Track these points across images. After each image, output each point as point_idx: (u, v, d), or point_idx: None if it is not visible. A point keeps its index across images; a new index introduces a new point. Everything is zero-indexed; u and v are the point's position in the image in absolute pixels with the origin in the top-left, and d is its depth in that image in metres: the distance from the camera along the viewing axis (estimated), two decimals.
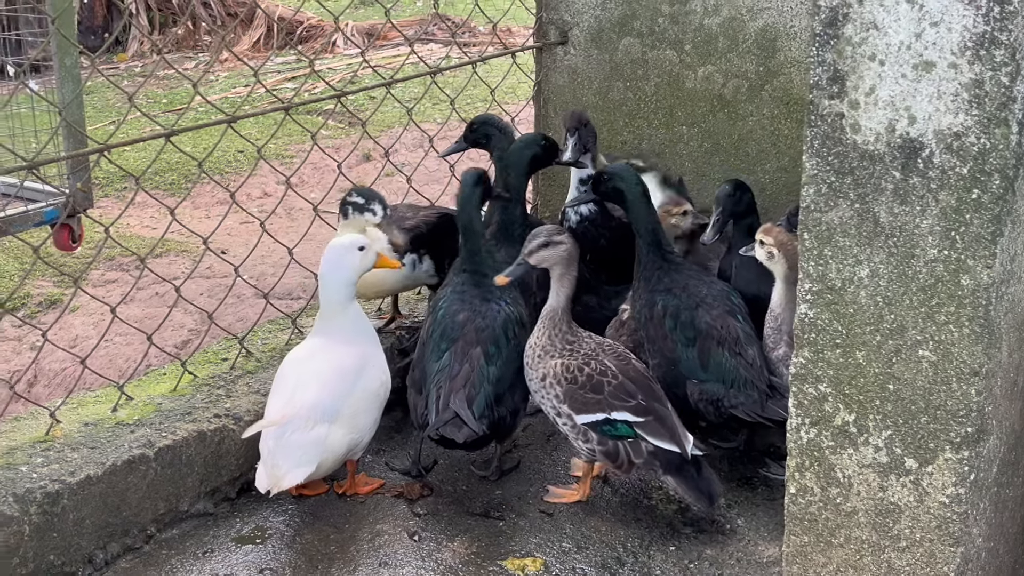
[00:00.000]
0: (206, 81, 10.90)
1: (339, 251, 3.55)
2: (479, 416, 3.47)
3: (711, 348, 3.63)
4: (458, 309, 3.67)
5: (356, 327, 3.57)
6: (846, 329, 2.45)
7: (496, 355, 3.58)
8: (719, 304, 3.68)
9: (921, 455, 2.43)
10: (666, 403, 3.38)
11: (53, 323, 3.93)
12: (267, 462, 3.31)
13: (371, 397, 3.51)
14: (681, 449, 3.30)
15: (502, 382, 3.57)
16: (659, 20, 4.44)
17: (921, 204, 2.32)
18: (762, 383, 3.55)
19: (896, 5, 2.25)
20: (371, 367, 3.55)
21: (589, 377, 3.34)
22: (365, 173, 7.93)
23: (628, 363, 3.43)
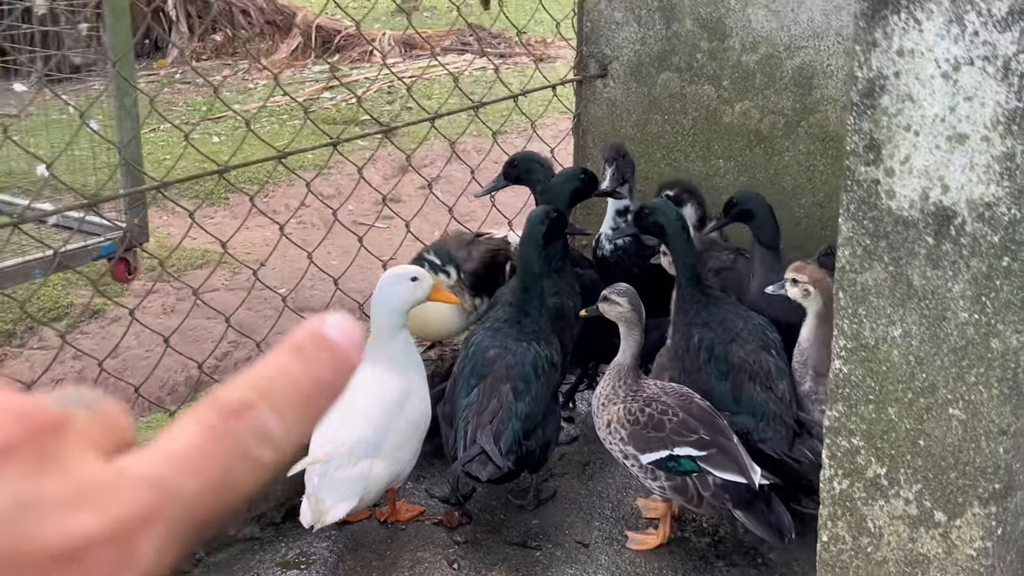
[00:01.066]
0: (244, 89, 11.05)
1: (391, 280, 3.65)
2: (506, 452, 3.56)
3: (743, 382, 3.72)
4: (489, 346, 3.75)
5: (403, 356, 3.67)
6: (879, 386, 2.54)
7: (525, 391, 3.66)
8: (753, 339, 3.76)
9: (950, 509, 2.52)
10: (731, 436, 3.45)
11: (108, 353, 4.03)
12: (311, 497, 3.41)
13: (412, 429, 3.61)
14: (748, 480, 3.35)
15: (531, 418, 3.65)
16: (697, 56, 4.53)
17: (953, 269, 2.40)
18: (791, 419, 3.63)
19: (931, 79, 2.34)
20: (413, 398, 3.64)
21: (650, 417, 3.43)
22: (401, 186, 8.04)
23: (691, 401, 3.51)
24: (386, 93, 10.57)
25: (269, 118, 10.08)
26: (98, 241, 4.05)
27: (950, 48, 2.30)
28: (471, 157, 8.46)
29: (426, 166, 8.97)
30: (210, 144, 9.20)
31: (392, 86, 10.06)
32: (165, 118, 3.40)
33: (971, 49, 2.28)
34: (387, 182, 8.67)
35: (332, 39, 11.80)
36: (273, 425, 0.53)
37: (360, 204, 8.06)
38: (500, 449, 3.54)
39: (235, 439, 0.52)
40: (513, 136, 8.92)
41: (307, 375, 0.56)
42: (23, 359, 6.43)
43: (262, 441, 0.53)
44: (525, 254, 3.82)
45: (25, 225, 3.15)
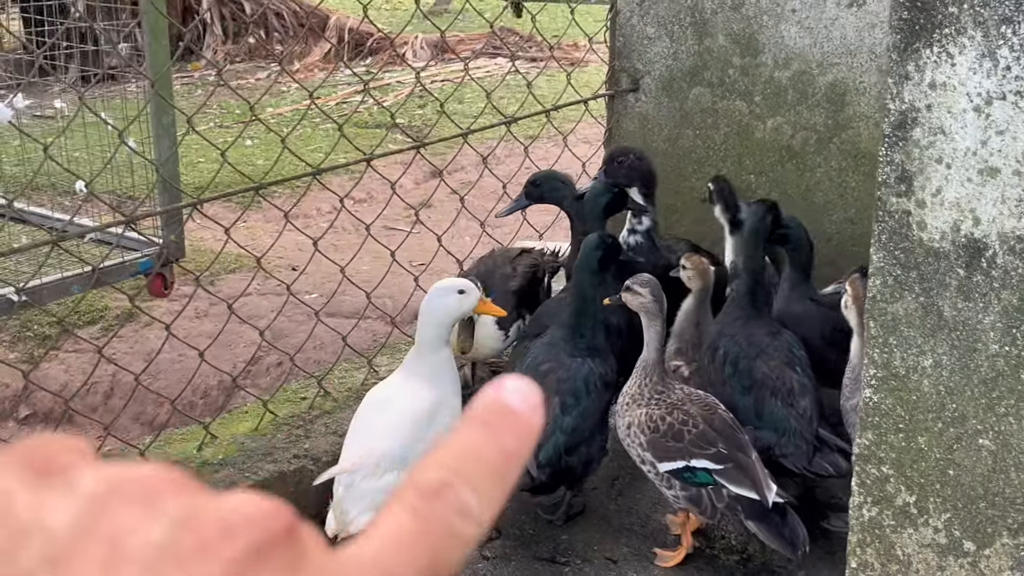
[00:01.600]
0: (277, 92, 11.11)
1: (438, 293, 3.66)
2: (543, 464, 3.60)
3: (765, 397, 3.74)
4: (543, 360, 3.79)
5: (442, 370, 3.67)
6: (909, 415, 2.55)
7: (573, 406, 3.69)
8: (779, 355, 3.78)
9: (979, 539, 2.53)
10: (749, 452, 3.45)
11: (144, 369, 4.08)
12: (336, 508, 3.45)
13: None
14: (761, 497, 3.37)
15: (576, 433, 3.68)
16: (729, 72, 4.54)
17: (984, 301, 2.41)
18: (810, 435, 3.64)
19: (963, 113, 2.35)
20: (444, 411, 3.66)
21: (671, 426, 3.45)
22: (431, 189, 8.07)
23: (714, 412, 3.52)
24: (419, 97, 10.62)
25: (302, 121, 10.14)
26: (136, 257, 4.11)
27: (982, 82, 2.31)
28: (503, 163, 8.49)
29: (458, 170, 9.01)
30: (243, 148, 9.27)
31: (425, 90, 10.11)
32: (203, 136, 3.43)
33: (1003, 84, 2.29)
34: (419, 187, 8.72)
35: (365, 42, 11.87)
36: (472, 501, 0.56)
37: (392, 208, 8.11)
38: (539, 461, 3.58)
39: (440, 519, 0.55)
40: (546, 142, 8.94)
41: (495, 447, 0.59)
42: (58, 362, 6.51)
43: (464, 518, 0.55)
44: (580, 280, 3.85)
45: (65, 241, 3.20)
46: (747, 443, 3.49)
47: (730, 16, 4.49)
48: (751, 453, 3.47)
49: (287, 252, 7.61)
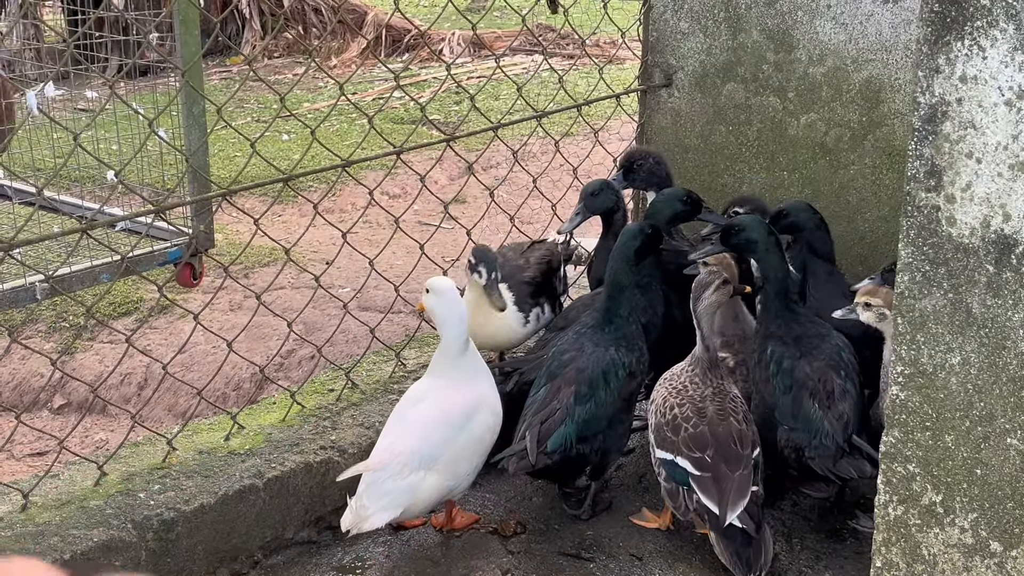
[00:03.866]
0: (314, 87, 11.15)
1: (452, 294, 3.64)
2: (552, 450, 3.61)
3: (803, 398, 3.70)
4: (567, 349, 3.80)
5: (472, 367, 3.66)
6: (936, 413, 2.52)
7: (588, 396, 3.68)
8: (825, 358, 3.73)
9: (1006, 539, 2.49)
10: (736, 469, 3.37)
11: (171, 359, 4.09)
12: (355, 502, 3.44)
13: (475, 444, 3.59)
14: (720, 514, 3.33)
15: (591, 423, 3.67)
16: (763, 67, 4.51)
17: (1013, 298, 2.37)
18: (841, 438, 3.59)
19: (994, 107, 2.31)
20: (482, 412, 3.63)
21: (675, 418, 3.46)
22: (467, 187, 8.07)
23: (725, 419, 3.46)
24: (455, 93, 10.62)
25: (338, 116, 10.16)
26: (165, 247, 4.13)
27: (1014, 76, 2.28)
28: (536, 159, 8.48)
29: (492, 167, 9.00)
30: (279, 142, 9.31)
31: (460, 87, 10.10)
32: (233, 127, 3.44)
33: None
34: (453, 182, 8.72)
35: (402, 38, 11.89)
36: None
37: (426, 204, 8.11)
38: (546, 447, 3.59)
39: None
40: (579, 138, 8.93)
41: None
42: (92, 352, 6.56)
43: None
44: (615, 267, 3.83)
45: (93, 230, 3.21)
46: (744, 459, 3.40)
47: (764, 11, 4.46)
48: (737, 470, 3.38)
49: (322, 247, 7.63)
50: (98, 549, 3.18)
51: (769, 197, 4.52)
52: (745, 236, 3.77)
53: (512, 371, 4.06)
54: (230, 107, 10.40)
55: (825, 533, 3.77)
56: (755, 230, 3.76)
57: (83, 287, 3.99)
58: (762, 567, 3.36)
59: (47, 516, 3.26)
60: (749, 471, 3.40)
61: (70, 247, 3.43)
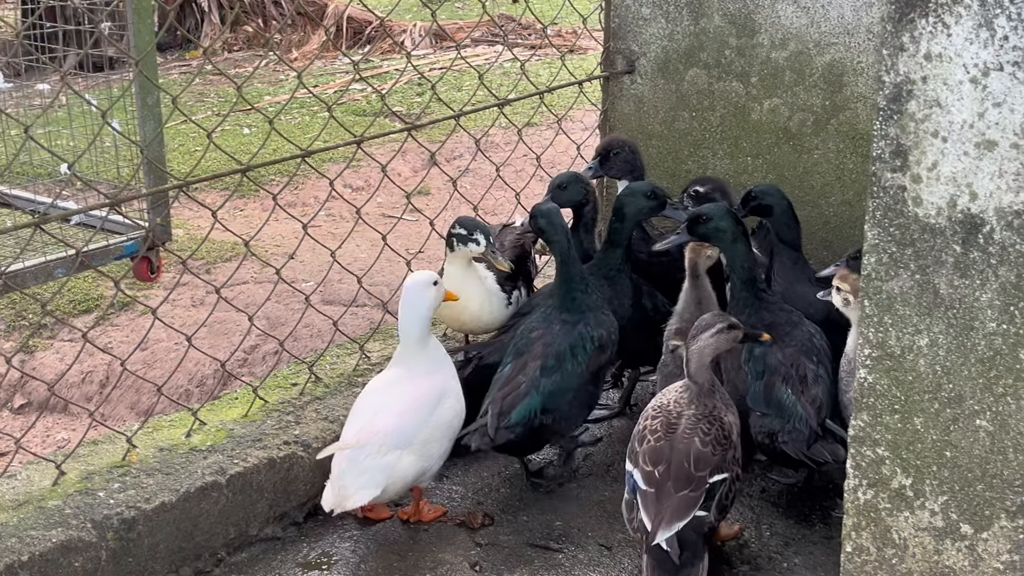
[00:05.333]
0: (275, 80, 11.05)
1: (416, 288, 3.65)
2: (515, 423, 3.64)
3: (775, 384, 3.68)
4: (535, 327, 3.83)
5: (434, 358, 3.70)
6: (904, 396, 2.50)
7: (554, 368, 3.70)
8: (796, 344, 3.72)
9: (976, 521, 2.47)
10: (682, 490, 3.18)
11: (130, 355, 4.02)
12: (335, 482, 3.42)
13: (444, 427, 3.61)
14: (651, 530, 3.14)
15: (556, 395, 3.69)
16: (726, 52, 4.48)
17: (981, 278, 2.35)
18: (815, 423, 3.57)
19: (960, 85, 2.29)
20: (448, 397, 3.65)
21: (643, 429, 3.32)
22: (430, 178, 8.02)
23: (691, 439, 3.23)
24: (416, 84, 10.55)
25: (300, 109, 10.07)
26: (120, 240, 4.05)
27: (979, 53, 2.25)
28: (501, 149, 8.43)
29: (456, 158, 8.94)
30: (241, 136, 9.21)
31: (423, 77, 10.03)
32: (189, 117, 3.38)
33: (1000, 54, 2.23)
34: (417, 174, 8.65)
35: (363, 30, 11.80)
36: None
37: (390, 196, 8.05)
38: (509, 419, 3.62)
39: None
40: (543, 128, 8.88)
41: None
42: (53, 350, 6.46)
43: None
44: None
45: (47, 224, 3.14)
46: (695, 481, 3.19)
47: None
48: (685, 491, 3.17)
49: (285, 241, 7.55)
50: (57, 550, 3.12)
51: (734, 183, 4.49)
52: (713, 225, 3.74)
53: (472, 356, 4.05)
54: (190, 101, 10.29)
55: (794, 519, 3.75)
56: (722, 219, 3.73)
57: (37, 283, 3.91)
58: None
59: (4, 517, 3.19)
60: (699, 495, 3.17)
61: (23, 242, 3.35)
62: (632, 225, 4.06)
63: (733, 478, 3.28)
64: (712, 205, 3.87)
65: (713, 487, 3.20)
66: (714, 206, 3.84)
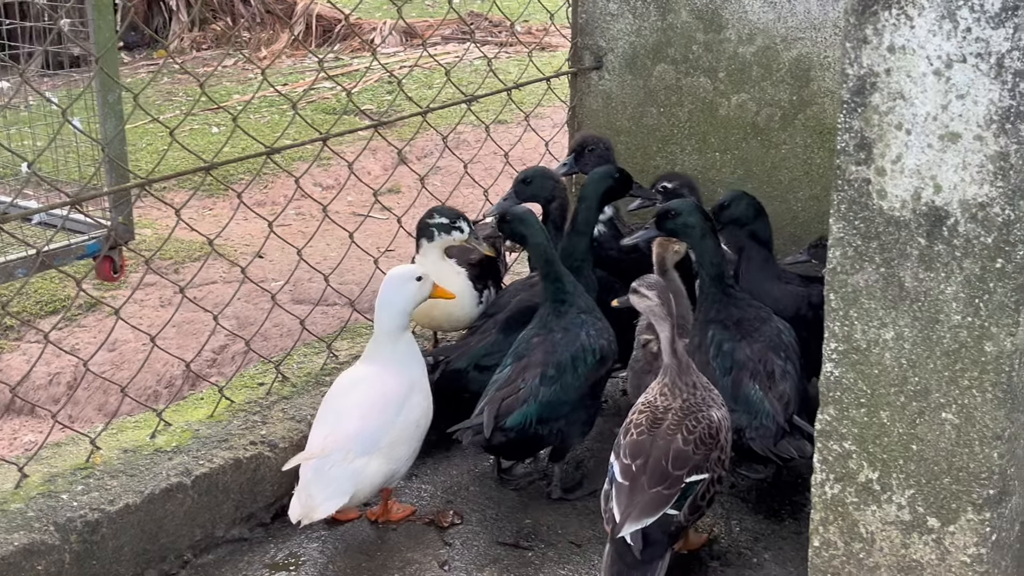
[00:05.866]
0: (244, 79, 10.99)
1: (397, 281, 3.61)
2: (510, 427, 3.60)
3: (743, 380, 3.67)
4: (536, 334, 3.78)
5: (406, 354, 3.64)
6: (871, 389, 2.49)
7: (555, 378, 3.66)
8: (764, 340, 3.71)
9: (943, 515, 2.47)
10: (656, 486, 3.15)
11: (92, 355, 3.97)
12: (301, 492, 3.37)
13: (412, 428, 3.57)
14: (620, 523, 3.12)
15: (554, 406, 3.65)
16: (693, 48, 4.47)
17: (946, 271, 2.35)
18: (782, 419, 3.56)
19: (923, 77, 2.28)
20: (416, 394, 3.61)
21: (629, 423, 3.31)
22: (400, 176, 7.98)
23: (673, 436, 3.21)
24: (387, 82, 10.51)
25: (269, 108, 10.01)
26: (82, 240, 4.01)
27: (942, 45, 2.25)
28: (470, 146, 8.40)
29: (426, 156, 8.91)
30: (209, 135, 9.15)
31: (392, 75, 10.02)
32: (151, 115, 3.34)
33: (964, 46, 2.23)
34: (387, 171, 8.62)
35: (333, 28, 11.74)
36: None
37: (360, 195, 8.01)
38: (504, 423, 3.57)
39: None
40: (513, 125, 8.86)
41: None
42: (19, 352, 6.39)
43: None
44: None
45: (8, 223, 3.10)
46: (671, 479, 3.17)
47: None
48: (659, 488, 3.15)
49: (255, 240, 7.49)
50: (19, 553, 3.07)
51: (702, 179, 4.49)
52: (681, 221, 3.73)
53: (439, 360, 4.01)
54: (158, 100, 10.21)
55: (764, 514, 3.75)
56: (691, 215, 3.72)
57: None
58: None
59: None
60: (672, 493, 3.14)
61: None
62: (595, 206, 4.04)
63: (713, 479, 3.24)
64: (681, 200, 3.86)
65: (689, 487, 3.18)
66: (683, 201, 3.83)
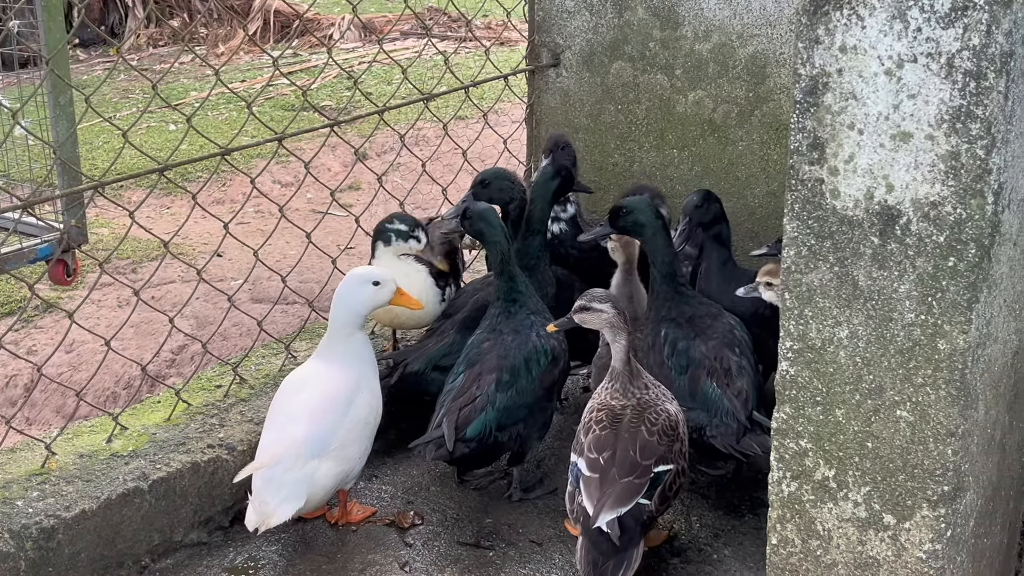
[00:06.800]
0: (201, 76, 10.90)
1: (352, 282, 3.59)
2: (470, 438, 3.55)
3: (700, 378, 3.68)
4: (486, 338, 3.76)
5: (357, 353, 3.61)
6: (826, 387, 2.50)
7: (510, 383, 3.65)
8: (718, 336, 3.73)
9: (899, 511, 2.48)
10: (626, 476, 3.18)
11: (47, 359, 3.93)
12: (255, 500, 3.34)
13: (361, 426, 3.54)
14: (593, 513, 3.14)
15: (512, 411, 3.64)
16: (650, 45, 4.47)
17: (899, 270, 2.36)
18: (743, 416, 3.58)
19: (875, 77, 2.29)
20: (363, 392, 3.58)
21: (589, 420, 3.32)
22: (361, 173, 7.95)
23: (637, 428, 3.25)
24: (346, 79, 10.46)
25: (227, 105, 9.94)
26: (34, 243, 3.96)
27: (893, 45, 2.26)
28: (430, 143, 8.38)
29: (385, 152, 8.88)
30: (166, 133, 9.07)
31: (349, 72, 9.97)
32: (103, 116, 3.31)
33: (914, 46, 2.24)
34: (347, 169, 8.58)
35: (291, 23, 11.68)
36: None
37: (319, 193, 7.97)
38: (464, 434, 3.54)
39: None
40: (472, 122, 8.85)
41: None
42: None
43: None
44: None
45: None
46: (640, 469, 3.20)
47: None
48: (630, 478, 3.18)
49: (213, 239, 7.43)
50: None
51: (660, 176, 4.50)
52: (632, 219, 3.74)
53: (398, 363, 3.99)
54: (114, 99, 10.12)
55: (724, 510, 3.76)
56: (642, 213, 3.73)
57: None
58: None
59: None
60: (643, 483, 3.18)
61: None
62: (545, 207, 4.08)
63: (678, 471, 3.30)
64: (633, 198, 3.87)
65: (658, 476, 3.23)
66: (635, 199, 3.84)
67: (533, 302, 3.81)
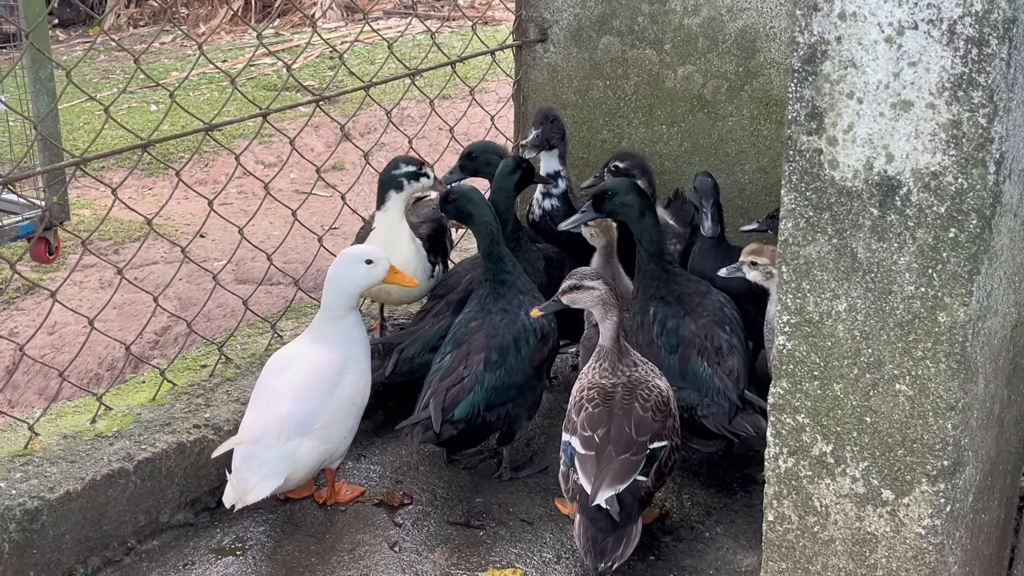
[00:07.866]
0: (183, 56, 10.80)
1: (345, 261, 3.55)
2: (458, 419, 3.51)
3: (691, 356, 3.64)
4: (473, 317, 3.72)
5: (349, 333, 3.57)
6: (824, 362, 2.46)
7: (499, 363, 3.61)
8: (708, 314, 3.69)
9: (898, 487, 2.45)
10: (622, 453, 3.17)
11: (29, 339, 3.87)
12: (234, 477, 3.30)
13: (347, 406, 3.50)
14: (591, 492, 3.11)
15: (500, 391, 3.60)
16: (639, 19, 4.42)
17: (898, 241, 2.32)
18: (734, 395, 3.54)
19: (875, 44, 2.24)
20: (351, 372, 3.53)
21: (580, 399, 3.29)
22: (345, 153, 7.89)
23: (631, 405, 3.24)
24: (328, 58, 10.37)
25: (209, 85, 9.85)
26: (15, 221, 3.89)
27: (893, 11, 2.21)
28: (415, 122, 8.31)
29: (370, 132, 8.81)
30: (148, 113, 8.99)
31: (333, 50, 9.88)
32: (86, 92, 3.25)
33: (915, 12, 2.19)
34: (330, 148, 8.51)
35: (273, 3, 11.57)
36: None
37: (303, 172, 7.90)
38: (452, 415, 3.50)
39: None
40: (458, 101, 8.78)
41: None
42: None
43: None
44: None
45: None
46: (636, 445, 3.18)
47: None
48: (626, 455, 3.16)
49: (196, 219, 7.37)
50: None
51: (649, 152, 4.46)
52: (619, 200, 3.70)
53: (391, 348, 3.94)
54: (95, 78, 10.01)
55: (715, 488, 3.74)
56: (627, 194, 3.69)
57: None
58: (616, 559, 3.11)
59: None
60: (639, 459, 3.17)
61: None
62: (507, 200, 4.04)
63: (672, 447, 3.30)
64: (616, 180, 3.84)
65: (653, 453, 3.21)
66: (618, 180, 3.81)
67: (522, 282, 3.77)
